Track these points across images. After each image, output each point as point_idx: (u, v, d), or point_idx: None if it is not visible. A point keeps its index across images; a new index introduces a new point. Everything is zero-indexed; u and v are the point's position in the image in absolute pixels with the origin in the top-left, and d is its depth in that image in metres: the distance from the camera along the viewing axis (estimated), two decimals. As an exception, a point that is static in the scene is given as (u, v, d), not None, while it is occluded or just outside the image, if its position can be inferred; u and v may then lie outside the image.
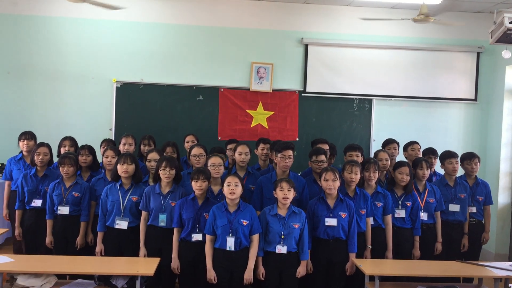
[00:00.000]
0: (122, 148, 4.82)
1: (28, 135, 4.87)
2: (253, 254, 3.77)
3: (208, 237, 3.80)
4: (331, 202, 3.97)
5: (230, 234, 3.73)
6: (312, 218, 3.96)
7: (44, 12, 6.06)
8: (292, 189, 3.78)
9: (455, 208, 4.57)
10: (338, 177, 3.94)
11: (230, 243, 3.72)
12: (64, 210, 4.27)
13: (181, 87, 6.20)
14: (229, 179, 3.78)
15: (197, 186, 3.86)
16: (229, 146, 4.99)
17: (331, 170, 3.95)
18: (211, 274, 3.73)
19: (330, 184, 3.91)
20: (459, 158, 4.71)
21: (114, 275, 3.63)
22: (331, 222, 3.91)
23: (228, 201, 3.79)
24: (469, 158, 4.73)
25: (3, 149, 5.75)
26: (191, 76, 6.22)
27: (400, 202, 4.33)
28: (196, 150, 4.45)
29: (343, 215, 3.93)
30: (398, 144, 5.11)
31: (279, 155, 4.21)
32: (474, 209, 4.69)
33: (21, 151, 4.94)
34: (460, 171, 4.78)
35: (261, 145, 4.80)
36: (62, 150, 4.73)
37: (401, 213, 4.31)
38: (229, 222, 3.74)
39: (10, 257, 3.64)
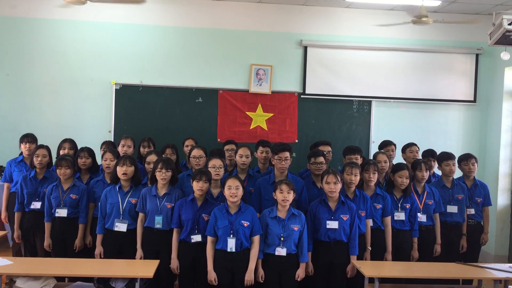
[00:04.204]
0: (120, 150, 4.81)
1: (30, 138, 4.87)
2: (254, 255, 3.77)
3: (209, 238, 3.79)
4: (332, 205, 3.97)
5: (231, 235, 3.73)
6: (313, 220, 3.95)
7: (43, 15, 6.04)
8: (291, 191, 3.78)
9: (453, 210, 4.57)
10: (339, 180, 3.93)
11: (231, 244, 3.72)
12: (62, 212, 4.26)
13: (180, 89, 6.19)
14: (229, 182, 3.77)
15: (198, 186, 3.86)
16: (226, 147, 4.97)
17: (333, 173, 3.93)
18: (211, 276, 3.73)
19: (332, 187, 3.89)
20: (456, 159, 4.71)
21: (113, 278, 3.62)
22: (332, 224, 3.90)
23: (229, 203, 3.79)
24: (465, 159, 4.73)
25: (2, 151, 5.74)
26: (190, 78, 6.20)
27: (399, 205, 4.32)
28: (196, 152, 4.44)
29: (345, 217, 3.92)
30: (395, 145, 5.11)
31: (275, 157, 4.20)
32: (472, 211, 4.69)
33: (21, 153, 4.94)
34: (459, 173, 4.79)
35: (261, 148, 4.77)
36: (62, 152, 4.71)
37: (400, 216, 4.29)
38: (230, 223, 3.74)
39: (9, 260, 3.64)
